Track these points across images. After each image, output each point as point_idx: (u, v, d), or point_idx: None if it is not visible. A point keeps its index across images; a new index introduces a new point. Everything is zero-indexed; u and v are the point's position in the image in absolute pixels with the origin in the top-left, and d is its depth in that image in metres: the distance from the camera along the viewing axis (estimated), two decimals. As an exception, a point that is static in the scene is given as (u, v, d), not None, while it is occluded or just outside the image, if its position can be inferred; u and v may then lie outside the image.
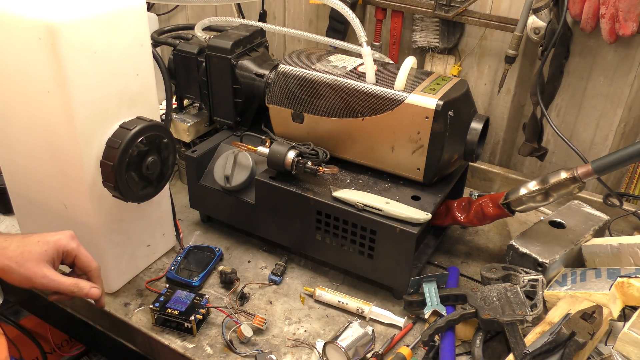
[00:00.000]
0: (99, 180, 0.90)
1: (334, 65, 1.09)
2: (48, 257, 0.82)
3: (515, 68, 1.30)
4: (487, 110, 1.39)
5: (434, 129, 0.98)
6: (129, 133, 0.88)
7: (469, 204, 1.07)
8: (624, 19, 1.07)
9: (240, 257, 1.15)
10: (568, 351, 0.79)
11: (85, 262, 0.87)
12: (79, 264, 0.87)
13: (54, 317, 1.23)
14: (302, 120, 1.10)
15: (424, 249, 1.11)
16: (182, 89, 1.27)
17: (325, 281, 1.09)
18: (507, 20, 1.22)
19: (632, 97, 1.21)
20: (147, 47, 0.94)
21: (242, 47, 1.16)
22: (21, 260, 0.80)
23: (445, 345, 0.90)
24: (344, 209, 0.99)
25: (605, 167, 0.92)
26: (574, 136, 1.31)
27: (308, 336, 0.97)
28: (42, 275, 0.81)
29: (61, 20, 0.78)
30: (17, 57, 0.84)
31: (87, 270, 0.87)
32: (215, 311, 1.00)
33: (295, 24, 1.56)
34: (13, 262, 0.80)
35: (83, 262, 0.87)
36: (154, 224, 1.08)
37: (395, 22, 1.36)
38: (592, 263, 1.03)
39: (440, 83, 1.03)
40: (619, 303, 0.90)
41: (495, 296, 0.93)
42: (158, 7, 1.73)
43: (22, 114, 0.90)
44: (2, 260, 0.80)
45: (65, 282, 0.83)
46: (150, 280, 1.07)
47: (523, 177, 1.34)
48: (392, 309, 1.02)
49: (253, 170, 1.10)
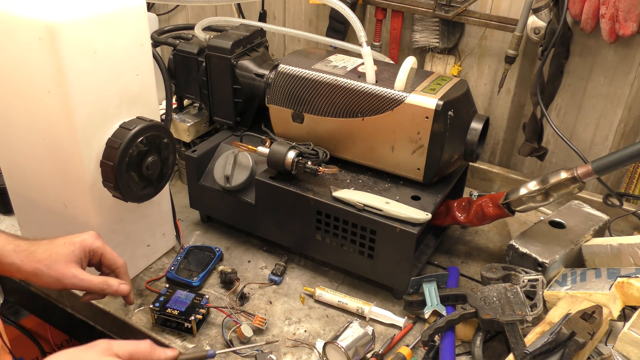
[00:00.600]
0: (99, 180, 0.90)
1: (334, 65, 1.09)
2: (76, 257, 0.84)
3: (515, 68, 1.30)
4: (487, 110, 1.39)
5: (434, 129, 0.98)
6: (129, 133, 0.88)
7: (469, 204, 1.07)
8: (624, 19, 1.07)
9: (240, 257, 1.15)
10: (568, 351, 0.79)
11: (111, 259, 0.88)
12: (105, 262, 0.88)
13: (54, 317, 1.23)
14: (302, 120, 1.10)
15: (424, 249, 1.11)
16: (182, 89, 1.27)
17: (325, 281, 1.09)
18: (507, 20, 1.22)
19: (632, 97, 1.21)
20: (147, 47, 0.94)
21: (242, 47, 1.16)
22: (50, 262, 0.82)
23: (445, 345, 0.90)
24: (344, 209, 0.99)
25: (605, 167, 0.92)
26: (574, 136, 1.31)
27: (308, 336, 0.97)
28: (71, 276, 0.83)
29: (61, 20, 0.78)
30: (17, 57, 0.84)
31: (114, 268, 0.89)
32: (215, 311, 1.00)
33: (295, 24, 1.56)
34: (42, 265, 0.82)
35: (109, 260, 0.88)
36: (154, 224, 1.08)
37: (395, 22, 1.36)
38: (592, 263, 1.03)
39: (440, 83, 1.03)
40: (619, 303, 0.90)
41: (495, 296, 0.93)
42: (158, 7, 1.73)
43: (22, 113, 0.90)
44: (32, 264, 0.82)
45: (94, 280, 0.85)
46: (150, 280, 1.07)
47: (523, 177, 1.34)
48: (392, 309, 1.02)
49: (253, 170, 1.10)
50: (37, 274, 0.82)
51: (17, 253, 0.82)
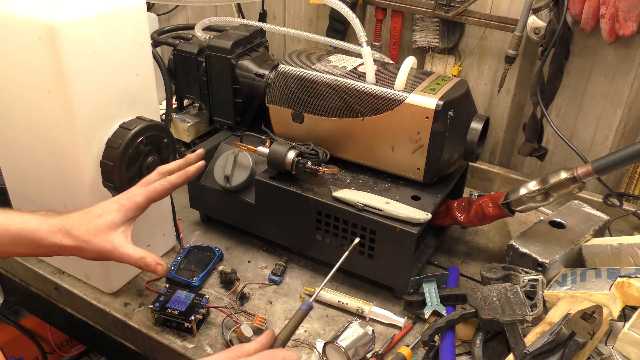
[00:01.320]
0: (99, 180, 0.90)
1: (334, 65, 1.09)
2: (115, 225, 0.82)
3: (515, 68, 1.30)
4: (487, 110, 1.39)
5: (434, 129, 0.98)
6: (129, 133, 0.88)
7: (469, 204, 1.07)
8: (624, 19, 1.07)
9: (240, 257, 1.15)
10: (568, 351, 0.79)
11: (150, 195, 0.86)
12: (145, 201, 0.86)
13: (54, 317, 1.23)
14: (302, 120, 1.10)
15: (424, 249, 1.11)
16: (182, 89, 1.27)
17: (325, 281, 1.09)
18: (507, 20, 1.22)
19: (632, 97, 1.21)
20: (147, 47, 0.94)
21: (242, 47, 1.16)
22: (89, 237, 0.80)
23: (445, 345, 0.90)
24: (344, 209, 0.99)
25: (605, 167, 0.92)
26: (574, 136, 1.31)
27: (308, 336, 0.97)
28: (111, 248, 0.80)
29: (61, 20, 0.78)
30: (17, 57, 0.84)
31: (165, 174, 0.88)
32: (215, 311, 1.00)
33: (295, 24, 1.56)
34: (81, 241, 0.80)
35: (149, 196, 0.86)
36: (154, 224, 1.08)
37: (395, 22, 1.36)
38: (592, 263, 1.03)
39: (440, 83, 1.03)
40: (619, 303, 0.90)
41: (495, 296, 0.93)
42: (158, 7, 1.73)
43: (22, 113, 0.90)
44: (70, 242, 0.80)
45: (133, 255, 0.81)
46: (150, 280, 1.07)
47: (523, 177, 1.34)
48: (392, 309, 1.02)
49: (253, 170, 1.10)
50: (79, 249, 0.80)
51: (53, 234, 0.80)
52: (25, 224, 0.81)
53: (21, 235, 0.80)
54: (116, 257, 0.81)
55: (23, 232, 0.80)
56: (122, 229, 0.83)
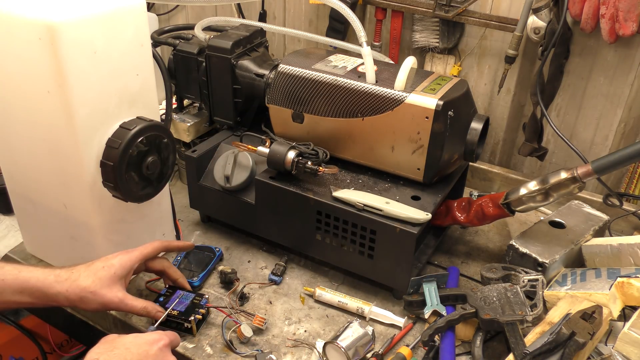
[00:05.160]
0: (99, 180, 0.90)
1: (334, 65, 1.09)
2: (118, 277, 0.88)
3: (515, 68, 1.30)
4: (487, 110, 1.39)
5: (434, 129, 0.98)
6: (129, 133, 0.88)
7: (469, 204, 1.07)
8: (624, 19, 1.07)
9: (240, 257, 1.15)
10: (568, 351, 0.79)
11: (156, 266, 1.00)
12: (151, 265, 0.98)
13: (54, 317, 1.23)
14: (302, 120, 1.10)
15: (424, 249, 1.11)
16: (182, 89, 1.26)
17: (325, 281, 1.09)
18: (507, 20, 1.22)
19: (632, 97, 1.21)
20: (147, 47, 0.94)
21: (242, 47, 1.16)
22: (95, 288, 0.86)
23: (445, 345, 0.90)
24: (344, 209, 0.99)
25: (605, 167, 0.92)
26: (574, 136, 1.31)
27: (308, 336, 0.97)
28: (117, 301, 0.88)
29: (61, 20, 0.78)
30: (17, 57, 0.84)
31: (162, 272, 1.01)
32: (215, 311, 1.00)
33: (295, 24, 1.56)
34: (87, 292, 0.86)
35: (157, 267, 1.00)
36: (154, 224, 1.08)
37: (395, 22, 1.36)
38: (592, 263, 1.03)
39: (440, 83, 1.03)
40: (619, 303, 0.90)
41: (495, 296, 0.93)
42: (158, 7, 1.73)
43: (22, 113, 0.90)
44: (77, 292, 0.85)
45: (137, 306, 0.89)
46: (150, 280, 1.07)
47: (523, 177, 1.34)
48: (392, 309, 1.02)
49: (253, 170, 1.10)
50: (84, 300, 0.86)
51: (60, 283, 0.85)
52: (33, 273, 0.86)
53: (29, 283, 0.85)
54: (122, 308, 0.89)
55: (32, 281, 0.85)
56: (122, 282, 0.89)
